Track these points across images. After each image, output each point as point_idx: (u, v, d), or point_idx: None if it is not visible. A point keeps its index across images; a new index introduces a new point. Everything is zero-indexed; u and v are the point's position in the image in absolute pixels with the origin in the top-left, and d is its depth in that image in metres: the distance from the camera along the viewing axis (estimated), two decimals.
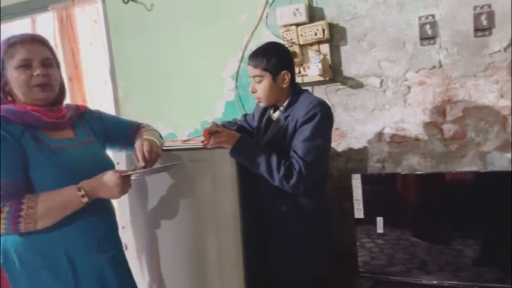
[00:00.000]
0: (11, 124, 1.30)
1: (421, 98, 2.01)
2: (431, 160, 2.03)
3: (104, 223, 1.47)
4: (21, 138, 1.30)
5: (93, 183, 1.34)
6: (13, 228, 1.25)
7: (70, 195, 1.30)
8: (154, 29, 2.53)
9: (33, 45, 1.36)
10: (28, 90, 1.34)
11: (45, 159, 1.32)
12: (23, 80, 1.33)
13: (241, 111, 2.37)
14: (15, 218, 1.24)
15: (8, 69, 1.34)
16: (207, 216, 1.72)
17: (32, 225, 1.26)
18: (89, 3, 2.69)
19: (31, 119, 1.33)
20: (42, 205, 1.27)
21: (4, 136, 1.27)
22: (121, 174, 1.36)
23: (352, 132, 2.16)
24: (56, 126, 1.39)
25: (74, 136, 1.45)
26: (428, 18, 1.94)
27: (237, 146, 1.60)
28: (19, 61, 1.33)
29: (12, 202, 1.24)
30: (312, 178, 1.57)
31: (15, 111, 1.32)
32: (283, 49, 1.74)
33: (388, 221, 1.92)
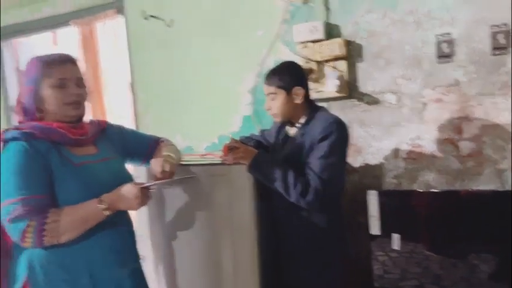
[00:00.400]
0: (38, 140, 1.34)
1: (437, 115, 2.02)
2: (447, 177, 2.03)
3: (123, 237, 1.49)
4: (48, 154, 1.34)
5: (113, 196, 1.37)
6: (38, 241, 1.28)
7: (92, 208, 1.34)
8: (173, 44, 2.59)
9: (68, 65, 1.41)
10: (63, 108, 1.39)
11: (68, 174, 1.36)
12: (58, 98, 1.38)
13: (258, 125, 2.40)
14: (40, 231, 1.27)
15: (43, 87, 1.38)
16: (224, 229, 1.75)
17: (56, 239, 1.30)
18: (110, 18, 2.77)
19: (57, 136, 1.37)
20: (65, 219, 1.30)
21: (31, 153, 1.32)
22: (140, 186, 1.40)
23: (368, 148, 2.17)
24: (79, 142, 1.43)
25: (95, 152, 1.49)
26: (445, 36, 1.96)
27: (254, 162, 1.63)
28: (56, 80, 1.37)
29: (38, 216, 1.27)
30: (328, 195, 1.59)
31: (42, 128, 1.37)
32: (297, 66, 1.79)
33: (404, 238, 1.92)
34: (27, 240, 1.27)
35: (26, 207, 1.26)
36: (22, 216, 1.26)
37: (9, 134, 1.34)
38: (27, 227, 1.26)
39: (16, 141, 1.32)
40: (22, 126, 1.38)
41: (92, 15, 2.80)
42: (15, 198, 1.27)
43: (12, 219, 1.26)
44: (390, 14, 2.07)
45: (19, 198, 1.27)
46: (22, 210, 1.26)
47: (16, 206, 1.26)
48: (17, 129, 1.36)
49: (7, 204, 1.27)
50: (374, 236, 1.95)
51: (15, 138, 1.32)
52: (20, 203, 1.26)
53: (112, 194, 1.37)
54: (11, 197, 1.27)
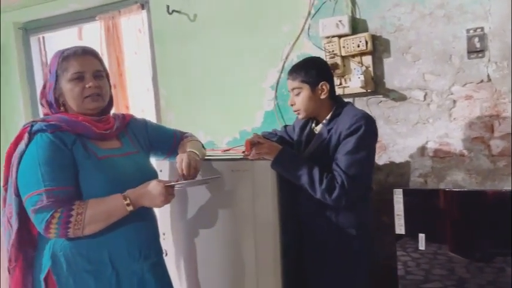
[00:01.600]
0: (64, 133, 1.36)
1: (467, 113, 1.95)
2: (476, 177, 1.96)
3: (147, 230, 1.50)
4: (73, 147, 1.35)
5: (137, 192, 1.37)
6: (63, 233, 1.29)
7: (116, 203, 1.34)
8: (196, 38, 2.59)
9: (85, 58, 1.42)
10: (81, 101, 1.40)
11: (92, 167, 1.37)
12: (76, 92, 1.39)
13: (280, 121, 2.37)
14: (65, 223, 1.28)
15: (62, 81, 1.40)
16: (246, 226, 1.73)
17: (80, 231, 1.31)
18: (134, 13, 2.78)
19: (82, 129, 1.39)
20: (90, 212, 1.31)
21: (57, 144, 1.33)
22: (165, 184, 1.39)
23: (394, 145, 2.12)
24: (103, 136, 1.44)
25: (119, 146, 1.49)
26: (477, 31, 1.89)
27: (279, 158, 1.60)
28: (73, 74, 1.39)
29: (63, 208, 1.29)
30: (355, 192, 1.56)
31: (68, 121, 1.38)
32: (322, 61, 1.76)
33: (429, 238, 1.87)
34: (52, 231, 1.28)
35: (51, 198, 1.28)
36: (47, 207, 1.27)
37: (36, 126, 1.35)
38: (52, 218, 1.27)
39: (42, 132, 1.33)
40: (48, 118, 1.39)
41: (117, 10, 2.82)
42: (40, 189, 1.28)
43: (37, 210, 1.28)
44: (419, 7, 2.01)
45: (44, 189, 1.28)
46: (47, 201, 1.27)
47: (41, 196, 1.28)
48: (43, 121, 1.37)
49: (33, 195, 1.28)
50: (400, 235, 1.90)
51: (42, 130, 1.34)
52: (45, 193, 1.28)
53: (136, 190, 1.37)
54: (36, 187, 1.29)
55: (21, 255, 1.39)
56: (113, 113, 1.57)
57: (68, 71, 1.39)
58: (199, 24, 2.57)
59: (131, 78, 2.90)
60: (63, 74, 1.39)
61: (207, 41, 2.56)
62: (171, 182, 1.43)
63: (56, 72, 1.40)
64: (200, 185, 1.71)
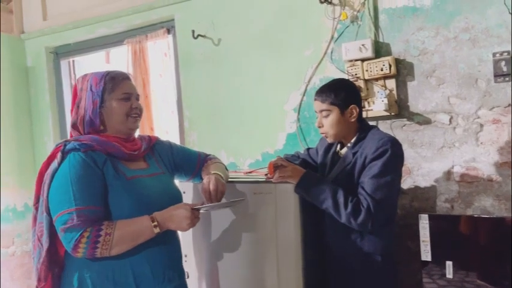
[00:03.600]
0: (95, 152, 1.39)
1: (495, 137, 1.92)
2: (506, 203, 1.90)
3: (171, 253, 1.50)
4: (104, 167, 1.39)
5: (165, 215, 1.39)
6: (90, 252, 1.31)
7: (144, 225, 1.36)
8: (220, 62, 2.63)
9: (130, 81, 1.51)
10: (125, 120, 1.47)
11: (121, 187, 1.39)
12: (124, 110, 1.46)
13: (303, 143, 2.37)
14: (93, 243, 1.30)
15: (108, 99, 1.45)
16: (268, 250, 1.72)
17: (108, 251, 1.32)
18: (160, 37, 2.86)
19: (113, 149, 1.42)
20: (118, 232, 1.32)
21: (89, 164, 1.36)
22: (191, 207, 1.40)
23: (419, 169, 2.09)
24: (132, 157, 1.48)
25: (146, 167, 1.53)
26: (503, 55, 1.87)
27: (303, 182, 1.60)
28: (122, 94, 1.46)
29: (93, 228, 1.30)
30: (380, 216, 1.53)
31: (99, 140, 1.42)
32: (351, 84, 1.75)
33: (457, 265, 1.81)
34: (80, 250, 1.30)
35: (81, 217, 1.30)
36: (77, 226, 1.29)
37: (69, 145, 1.39)
38: (81, 238, 1.29)
39: (75, 151, 1.37)
40: (81, 138, 1.43)
41: (143, 34, 2.91)
42: (71, 208, 1.30)
43: (66, 229, 1.30)
44: (443, 31, 2.01)
45: (75, 208, 1.30)
46: (77, 220, 1.29)
47: (72, 215, 1.30)
48: (76, 140, 1.41)
49: (63, 214, 1.31)
50: (425, 262, 1.85)
51: (75, 149, 1.37)
52: (75, 212, 1.30)
53: (164, 213, 1.39)
54: (67, 206, 1.31)
55: (50, 274, 1.40)
56: (139, 135, 1.60)
57: (117, 91, 1.46)
58: (224, 48, 2.62)
59: (156, 101, 2.96)
60: (110, 94, 1.45)
61: (231, 64, 2.60)
62: (197, 205, 1.44)
63: (102, 91, 1.45)
64: (224, 208, 1.71)
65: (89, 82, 1.47)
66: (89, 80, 1.47)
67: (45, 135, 3.36)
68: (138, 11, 2.88)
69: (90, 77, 1.48)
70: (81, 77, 1.51)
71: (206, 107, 2.71)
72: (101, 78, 1.46)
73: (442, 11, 2.00)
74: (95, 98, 1.45)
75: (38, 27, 3.32)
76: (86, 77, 1.49)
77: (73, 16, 3.15)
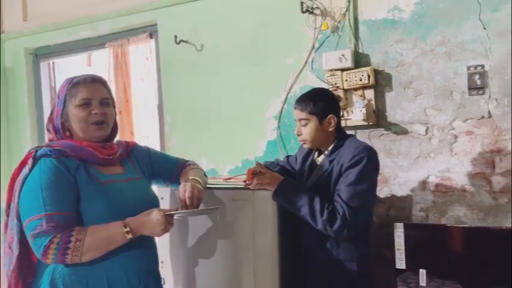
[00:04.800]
0: (68, 158, 1.37)
1: (468, 148, 1.97)
2: (478, 213, 1.95)
3: (147, 258, 1.49)
4: (76, 172, 1.37)
5: (138, 221, 1.37)
6: (60, 259, 1.29)
7: (116, 231, 1.34)
8: (202, 68, 2.64)
9: (94, 85, 1.45)
10: (86, 127, 1.43)
11: (94, 192, 1.37)
12: (82, 118, 1.41)
13: (283, 151, 2.39)
14: (63, 249, 1.28)
15: (69, 106, 1.43)
16: (245, 256, 1.71)
17: (78, 258, 1.30)
18: (143, 42, 2.85)
19: (86, 155, 1.40)
20: (89, 238, 1.30)
21: (61, 169, 1.34)
22: (165, 213, 1.39)
23: (395, 178, 2.13)
24: (107, 162, 1.46)
25: (122, 172, 1.51)
26: (477, 69, 1.92)
27: (280, 189, 1.61)
28: (80, 100, 1.41)
29: (63, 233, 1.28)
30: (356, 223, 1.55)
31: (72, 146, 1.40)
32: (330, 94, 1.78)
33: (431, 274, 1.84)
34: (50, 256, 1.28)
35: (51, 223, 1.28)
36: (46, 232, 1.27)
37: (40, 151, 1.37)
38: (51, 243, 1.27)
39: (46, 157, 1.35)
40: (53, 143, 1.41)
41: (126, 38, 2.89)
42: (40, 214, 1.28)
43: (36, 235, 1.28)
44: (420, 44, 2.06)
45: (44, 214, 1.28)
46: (47, 226, 1.27)
47: (41, 221, 1.28)
48: (48, 146, 1.39)
49: (33, 220, 1.29)
50: (400, 270, 1.88)
51: (46, 155, 1.35)
52: (45, 218, 1.28)
53: (137, 218, 1.37)
54: (37, 212, 1.29)
55: (20, 282, 1.38)
56: (116, 140, 1.58)
57: (76, 97, 1.42)
58: (206, 54, 2.62)
59: (137, 105, 2.94)
60: (71, 100, 1.42)
61: (213, 71, 2.61)
62: (171, 211, 1.43)
63: (64, 98, 1.43)
64: (199, 215, 1.70)
65: (60, 88, 1.46)
66: (61, 86, 1.46)
67: (22, 139, 3.29)
68: (120, 14, 2.86)
69: (63, 82, 1.47)
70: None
71: (187, 112, 2.70)
72: (66, 84, 1.44)
73: (419, 24, 2.05)
74: (59, 105, 1.43)
75: (18, 27, 3.27)
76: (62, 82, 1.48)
77: (54, 17, 3.11)
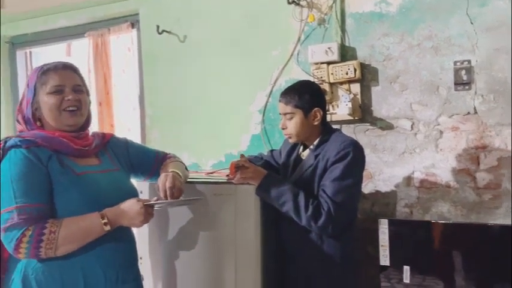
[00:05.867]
0: (39, 148, 1.31)
1: (453, 144, 1.95)
2: (462, 209, 1.94)
3: (124, 253, 1.43)
4: (48, 163, 1.31)
5: (115, 211, 1.32)
6: (34, 252, 1.23)
7: (93, 222, 1.29)
8: (185, 59, 2.57)
9: (65, 72, 1.39)
10: (59, 115, 1.36)
11: (69, 183, 1.32)
12: (54, 104, 1.35)
13: (267, 145, 2.35)
14: (36, 242, 1.22)
15: (40, 94, 1.37)
16: (227, 252, 1.68)
17: (53, 251, 1.24)
18: (124, 31, 2.77)
19: (59, 145, 1.34)
20: (64, 230, 1.25)
21: (32, 160, 1.28)
22: (144, 203, 1.34)
23: (380, 174, 2.10)
24: (82, 153, 1.40)
25: (98, 163, 1.45)
26: (464, 64, 1.91)
27: (264, 184, 1.57)
28: (52, 87, 1.36)
29: (36, 226, 1.23)
30: (341, 219, 1.53)
31: (44, 136, 1.34)
32: (316, 87, 1.74)
33: (414, 270, 1.83)
34: (22, 250, 1.22)
35: (23, 215, 1.22)
36: (17, 225, 1.22)
37: (10, 141, 1.31)
38: (23, 237, 1.21)
39: (16, 148, 1.29)
40: (24, 134, 1.35)
41: (106, 28, 2.80)
42: (11, 206, 1.23)
43: (6, 228, 1.22)
44: (407, 38, 2.03)
45: (15, 206, 1.23)
46: (18, 219, 1.22)
47: (12, 214, 1.22)
48: (18, 137, 1.33)
49: (3, 212, 1.23)
50: (384, 267, 1.86)
51: (16, 146, 1.29)
52: (16, 211, 1.22)
53: (114, 209, 1.32)
54: (8, 205, 1.23)
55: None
56: (92, 132, 1.52)
57: (47, 84, 1.36)
58: (189, 46, 2.56)
59: (118, 97, 2.86)
60: (41, 88, 1.36)
61: (196, 63, 2.55)
62: (150, 201, 1.38)
63: (34, 86, 1.37)
64: (181, 206, 1.65)
65: (29, 77, 1.40)
66: (30, 75, 1.40)
67: None
68: (101, 3, 2.78)
69: (32, 70, 1.41)
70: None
71: (169, 105, 2.64)
72: (35, 72, 1.38)
73: (407, 18, 2.03)
74: (29, 94, 1.37)
75: None
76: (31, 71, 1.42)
77: (32, 5, 2.99)
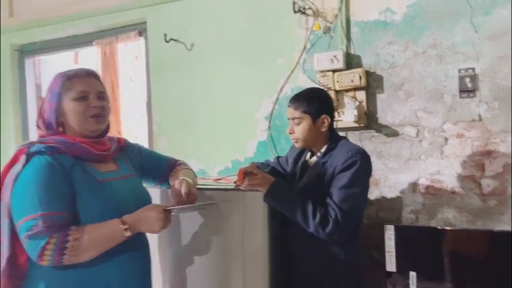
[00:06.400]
0: (63, 155, 1.32)
1: (458, 151, 1.97)
2: (467, 215, 1.96)
3: (141, 260, 1.46)
4: (71, 170, 1.31)
5: (135, 217, 1.34)
6: (57, 260, 1.24)
7: (113, 228, 1.30)
8: (192, 67, 2.60)
9: (90, 79, 1.41)
10: (84, 121, 1.38)
11: (91, 190, 1.33)
12: (80, 111, 1.37)
13: (273, 152, 2.37)
14: (60, 249, 1.23)
15: (65, 100, 1.37)
16: (235, 258, 1.69)
17: (76, 258, 1.25)
18: (132, 40, 2.80)
19: (80, 151, 1.35)
20: (87, 237, 1.26)
21: (56, 167, 1.29)
22: (163, 209, 1.36)
23: (385, 180, 2.12)
24: (101, 158, 1.41)
25: (116, 169, 1.46)
26: (468, 71, 1.93)
27: (272, 191, 1.58)
28: (77, 93, 1.36)
29: (59, 234, 1.23)
30: (348, 227, 1.54)
31: (66, 142, 1.34)
32: (325, 94, 1.77)
33: (421, 276, 1.84)
34: (46, 258, 1.23)
35: (47, 223, 1.23)
36: (41, 232, 1.22)
37: (34, 147, 1.31)
38: (47, 244, 1.22)
39: (40, 155, 1.29)
40: (47, 139, 1.35)
41: (114, 36, 2.84)
42: (36, 214, 1.23)
43: (30, 236, 1.23)
44: (412, 46, 2.06)
45: (40, 214, 1.23)
46: (42, 226, 1.22)
47: (36, 221, 1.23)
48: (41, 143, 1.33)
49: (28, 220, 1.23)
50: (390, 273, 1.87)
51: (40, 152, 1.30)
52: (40, 218, 1.23)
53: (134, 215, 1.34)
54: (32, 212, 1.24)
55: (11, 284, 1.31)
56: (107, 136, 1.54)
57: (72, 91, 1.36)
58: (196, 54, 2.59)
59: (125, 104, 2.89)
60: (66, 94, 1.37)
61: (203, 70, 2.58)
62: (168, 207, 1.40)
63: (58, 92, 1.37)
64: (195, 211, 1.67)
65: (51, 82, 1.40)
66: (52, 81, 1.40)
67: (6, 137, 3.22)
68: (109, 11, 2.82)
69: (54, 76, 1.41)
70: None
71: (176, 112, 2.67)
72: (59, 78, 1.39)
73: (411, 26, 2.06)
74: (52, 100, 1.37)
75: (4, 23, 3.19)
76: (52, 78, 1.42)
77: (41, 14, 3.04)
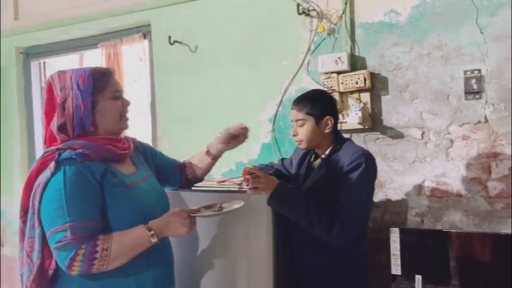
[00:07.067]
0: (93, 162, 1.29)
1: (464, 153, 1.95)
2: (474, 218, 1.94)
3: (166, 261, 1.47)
4: (103, 179, 1.30)
5: (161, 223, 1.33)
6: (87, 269, 1.23)
7: (140, 235, 1.30)
8: (196, 69, 2.60)
9: (114, 77, 1.40)
10: (119, 120, 1.38)
11: (122, 198, 1.32)
12: (118, 110, 1.37)
13: (277, 154, 2.36)
14: (90, 260, 1.22)
15: (101, 99, 1.33)
16: (239, 262, 1.68)
17: (105, 267, 1.25)
18: (136, 42, 2.81)
19: (106, 153, 1.33)
20: (115, 246, 1.25)
21: (86, 176, 1.26)
22: (188, 213, 1.36)
23: (391, 183, 2.10)
24: (122, 157, 1.40)
25: (136, 170, 1.45)
26: (474, 73, 1.91)
27: (276, 193, 1.57)
28: (113, 92, 1.35)
29: (88, 244, 1.23)
30: (353, 230, 1.53)
31: (93, 146, 1.31)
32: (329, 96, 1.77)
33: (426, 279, 1.82)
34: (75, 268, 1.23)
35: (75, 234, 1.22)
36: (71, 243, 1.22)
37: (64, 154, 1.28)
38: (76, 255, 1.22)
39: (71, 162, 1.27)
40: (73, 144, 1.30)
41: (119, 38, 2.85)
42: (65, 225, 1.22)
43: (60, 247, 1.22)
44: (417, 48, 2.04)
45: (69, 225, 1.22)
46: (71, 238, 1.22)
47: (65, 233, 1.22)
48: (71, 148, 1.29)
49: (57, 231, 1.23)
50: (395, 276, 1.85)
51: (71, 159, 1.27)
52: (69, 229, 1.22)
53: (160, 221, 1.34)
54: (61, 223, 1.23)
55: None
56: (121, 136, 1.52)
57: (107, 89, 1.34)
58: (200, 56, 2.59)
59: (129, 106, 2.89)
60: (100, 92, 1.32)
61: (207, 72, 2.57)
62: (193, 211, 1.40)
63: (91, 90, 1.31)
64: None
65: (73, 80, 1.31)
66: (72, 78, 1.32)
67: (11, 139, 3.24)
68: (114, 14, 2.82)
69: (72, 74, 1.33)
70: (56, 75, 1.35)
71: (180, 114, 2.67)
72: (89, 75, 1.32)
73: (416, 27, 2.04)
74: (85, 97, 1.30)
75: (9, 26, 3.22)
76: (65, 75, 1.33)
77: (46, 17, 3.06)
